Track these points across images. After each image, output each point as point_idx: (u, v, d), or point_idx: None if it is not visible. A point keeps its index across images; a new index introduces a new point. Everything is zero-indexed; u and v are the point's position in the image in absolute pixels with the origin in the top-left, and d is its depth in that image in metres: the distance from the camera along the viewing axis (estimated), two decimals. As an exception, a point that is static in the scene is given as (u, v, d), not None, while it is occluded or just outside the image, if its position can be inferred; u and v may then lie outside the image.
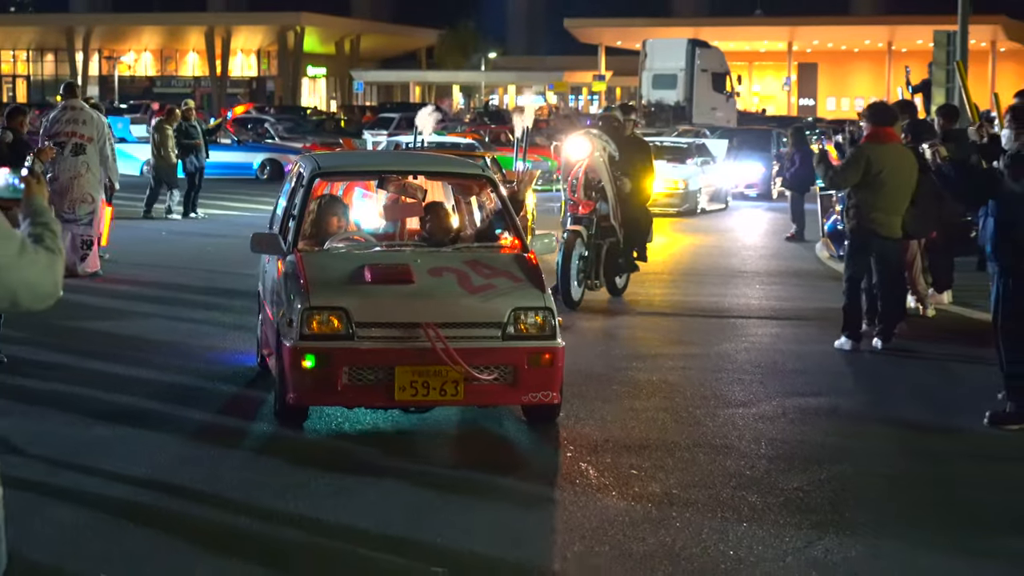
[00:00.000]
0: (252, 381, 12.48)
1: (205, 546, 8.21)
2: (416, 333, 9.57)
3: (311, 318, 9.60)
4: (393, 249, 11.20)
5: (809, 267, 23.16)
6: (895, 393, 12.59)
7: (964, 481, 9.94)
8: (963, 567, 8.15)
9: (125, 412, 11.40)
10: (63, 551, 7.92)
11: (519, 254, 10.90)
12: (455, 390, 9.52)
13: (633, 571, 7.93)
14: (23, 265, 4.45)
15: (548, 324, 10.04)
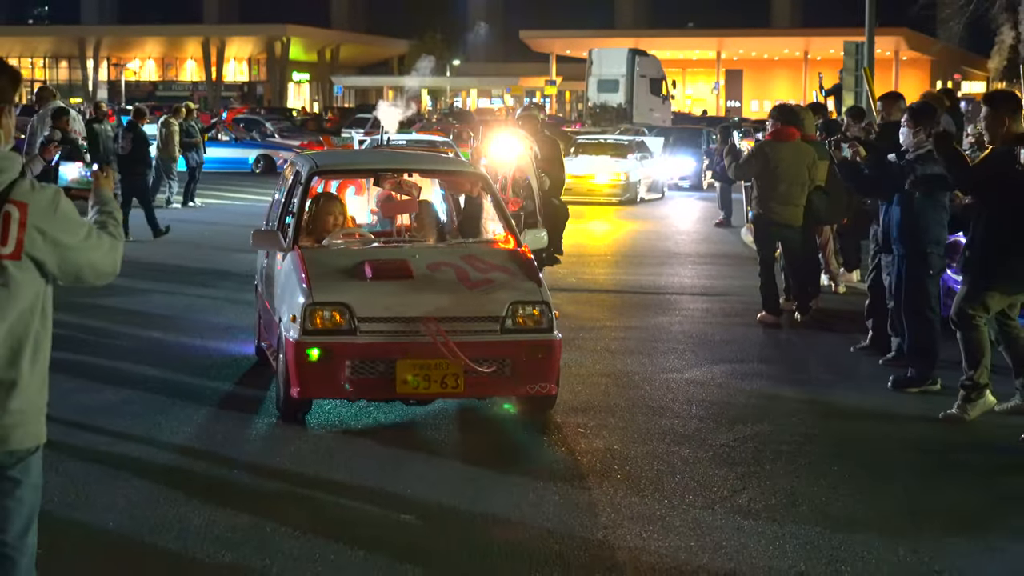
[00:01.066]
0: (242, 350, 12.43)
1: (198, 495, 8.23)
2: (417, 327, 8.95)
3: (314, 313, 8.96)
4: (391, 245, 10.48)
5: (735, 250, 23.21)
6: (810, 360, 12.66)
7: (869, 436, 10.04)
8: (866, 508, 8.21)
9: (129, 379, 11.39)
10: (75, 501, 7.91)
11: (514, 249, 10.27)
12: (455, 383, 8.92)
13: (579, 517, 7.96)
14: (88, 248, 4.77)
15: (545, 317, 9.40)
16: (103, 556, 7.15)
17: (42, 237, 4.60)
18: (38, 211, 4.59)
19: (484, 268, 9.58)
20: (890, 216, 11.31)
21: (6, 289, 4.57)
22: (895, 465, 9.26)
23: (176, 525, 7.64)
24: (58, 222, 4.65)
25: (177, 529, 7.57)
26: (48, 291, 4.77)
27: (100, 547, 7.28)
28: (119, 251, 4.96)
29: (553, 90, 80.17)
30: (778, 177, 14.16)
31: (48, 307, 4.78)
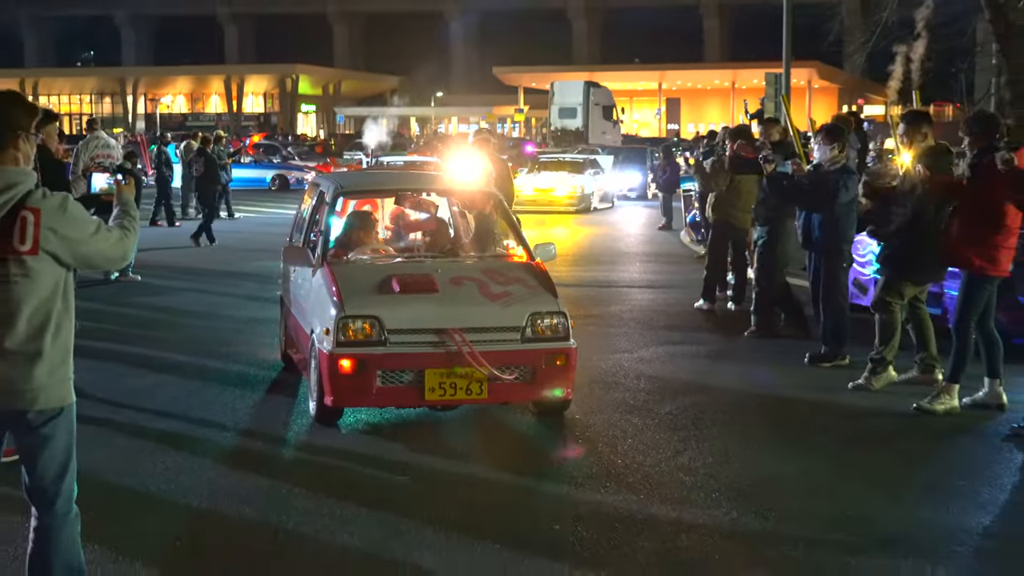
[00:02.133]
0: (265, 339, 12.39)
1: (225, 463, 8.28)
2: (443, 338, 8.23)
3: (347, 326, 8.24)
4: (414, 260, 9.65)
5: (676, 249, 23.25)
6: (740, 341, 12.66)
7: (791, 405, 10.11)
8: (790, 465, 8.26)
9: (166, 366, 11.32)
10: (124, 469, 7.89)
11: (529, 263, 9.55)
12: (480, 389, 8.25)
13: (548, 476, 8.05)
14: (97, 240, 5.11)
15: (562, 327, 8.71)
16: (150, 513, 7.16)
17: (54, 234, 4.93)
18: (49, 214, 4.92)
19: (503, 281, 8.92)
20: (812, 220, 11.35)
21: (28, 279, 4.91)
22: (813, 428, 9.28)
23: (207, 487, 7.67)
24: (67, 221, 4.98)
25: (208, 491, 7.59)
26: (68, 278, 5.08)
27: (147, 506, 7.28)
28: (129, 241, 5.33)
29: (521, 117, 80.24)
30: (740, 189, 14.12)
31: (69, 292, 5.09)
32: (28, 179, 5.01)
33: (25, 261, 4.92)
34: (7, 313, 4.93)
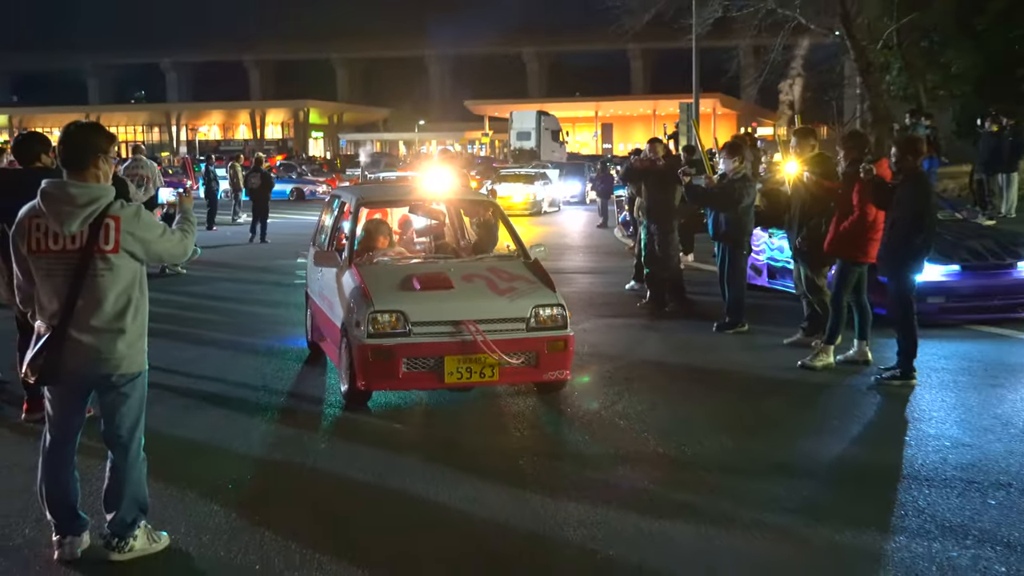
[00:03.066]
0: (289, 320, 12.38)
1: (257, 415, 8.25)
2: (460, 329, 7.78)
3: (376, 319, 7.76)
4: (428, 261, 9.13)
5: (610, 242, 23.27)
6: (664, 314, 12.68)
7: (705, 363, 10.06)
8: (704, 410, 8.30)
9: (206, 340, 11.34)
10: (176, 423, 7.87)
11: (526, 261, 9.06)
12: (491, 372, 7.82)
13: (512, 422, 8.08)
14: (163, 240, 5.34)
15: (560, 317, 8.20)
16: (197, 457, 7.18)
17: (131, 236, 5.14)
18: (127, 221, 5.13)
19: (508, 278, 8.43)
20: (719, 218, 11.44)
21: (111, 272, 5.11)
22: (720, 382, 9.33)
23: (242, 436, 7.69)
24: (141, 226, 5.19)
25: (243, 439, 7.61)
26: (142, 271, 5.30)
27: (196, 452, 7.30)
28: (188, 241, 5.54)
29: (487, 139, 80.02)
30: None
31: (143, 282, 5.31)
32: (108, 193, 5.16)
33: (109, 258, 5.11)
34: (96, 299, 5.11)
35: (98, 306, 5.08)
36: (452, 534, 5.80)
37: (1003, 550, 5.43)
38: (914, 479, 6.54)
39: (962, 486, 6.38)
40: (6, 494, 6.41)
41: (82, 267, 5.02)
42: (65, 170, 5.15)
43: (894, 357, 9.01)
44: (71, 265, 5.03)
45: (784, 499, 6.24)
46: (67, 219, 4.99)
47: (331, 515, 6.10)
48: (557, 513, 6.04)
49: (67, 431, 5.34)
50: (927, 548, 5.47)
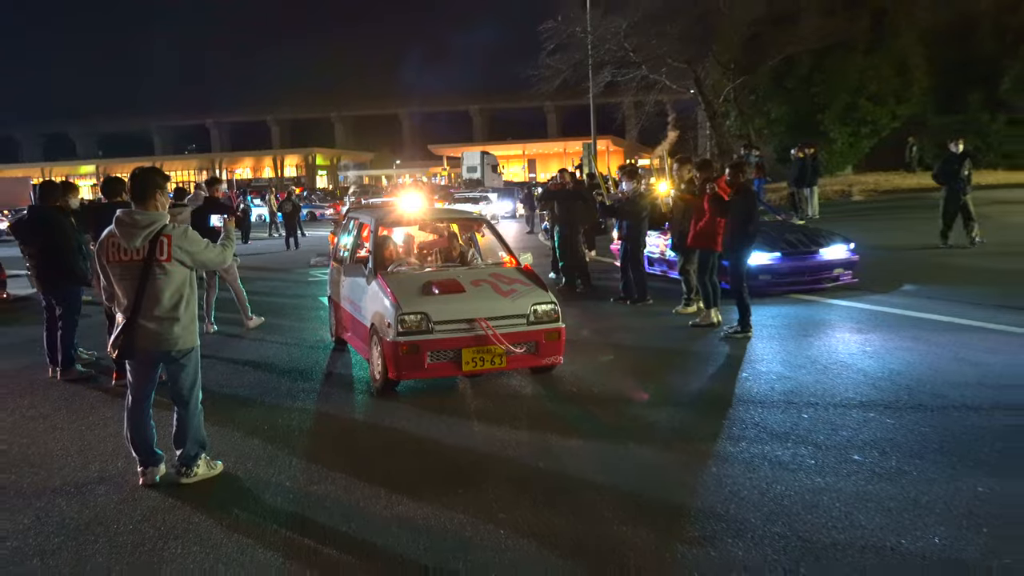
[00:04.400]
0: (308, 309, 12.21)
1: (291, 380, 8.04)
2: (473, 325, 7.02)
3: (404, 320, 6.96)
4: (440, 269, 8.23)
5: (536, 243, 23.18)
6: (576, 294, 12.67)
7: (609, 328, 10.04)
8: (608, 357, 8.26)
9: (241, 323, 11.10)
10: (223, 383, 7.75)
11: (522, 267, 8.28)
12: (500, 360, 7.06)
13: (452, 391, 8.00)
14: (205, 252, 5.29)
15: (554, 312, 7.40)
16: (242, 408, 7.09)
17: (180, 249, 5.16)
18: (177, 238, 5.16)
19: (508, 281, 7.66)
20: (624, 224, 11.46)
21: (166, 276, 5.13)
22: (622, 339, 9.30)
23: (273, 393, 7.60)
24: (187, 241, 5.19)
25: (274, 395, 7.53)
26: (191, 274, 5.30)
27: (241, 404, 7.21)
28: (227, 254, 5.53)
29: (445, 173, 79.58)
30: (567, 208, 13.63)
31: (193, 282, 5.32)
32: (163, 218, 5.22)
33: (164, 266, 5.14)
34: (156, 296, 5.12)
35: (158, 301, 5.13)
36: (431, 456, 5.81)
37: (813, 448, 5.54)
38: (751, 402, 6.62)
39: (784, 406, 6.47)
40: (104, 438, 6.35)
41: (145, 272, 5.10)
42: (133, 203, 5.24)
43: (736, 318, 9.14)
44: (137, 271, 5.11)
45: (664, 420, 6.31)
46: (132, 238, 5.11)
47: (342, 445, 6.09)
48: (499, 438, 6.08)
49: (143, 392, 5.37)
50: (760, 449, 5.57)
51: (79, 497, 5.26)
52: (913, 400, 6.41)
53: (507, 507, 4.82)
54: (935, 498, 4.69)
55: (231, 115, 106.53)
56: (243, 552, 4.42)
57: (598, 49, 31.39)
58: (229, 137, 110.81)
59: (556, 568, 4.08)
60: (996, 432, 5.64)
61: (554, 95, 36.70)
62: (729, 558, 4.11)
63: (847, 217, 20.22)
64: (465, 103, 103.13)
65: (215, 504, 5.06)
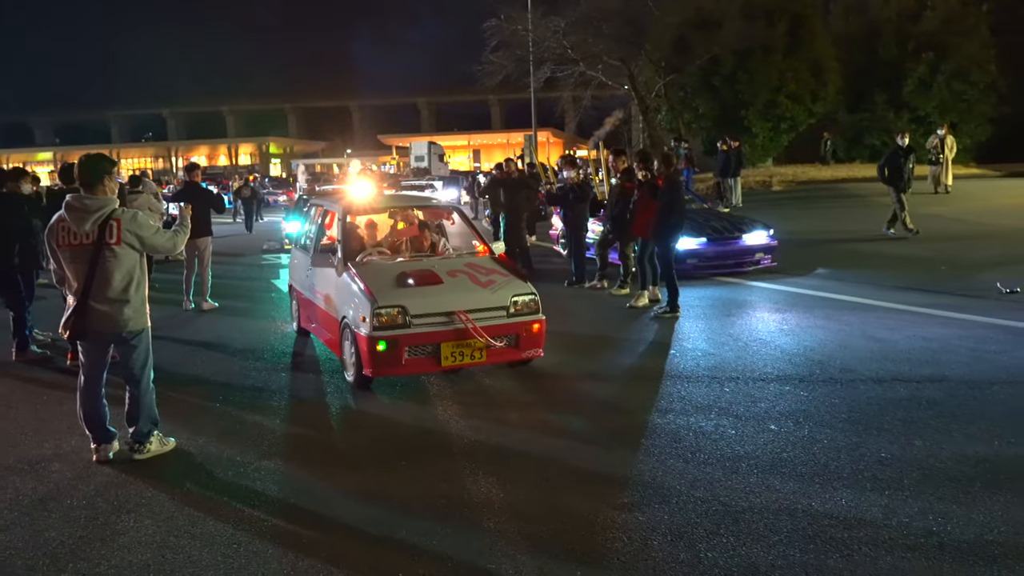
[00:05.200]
0: (263, 284, 11.97)
1: (241, 359, 7.87)
2: (452, 319, 6.36)
3: (380, 314, 6.27)
4: (414, 259, 7.42)
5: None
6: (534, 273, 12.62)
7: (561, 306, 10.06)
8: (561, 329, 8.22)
9: (236, 310, 10.64)
10: (178, 362, 7.56)
11: (497, 257, 7.51)
12: (480, 355, 6.42)
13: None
14: (156, 237, 5.14)
15: (534, 304, 6.77)
16: (194, 386, 6.91)
17: (129, 233, 5.00)
18: (126, 221, 5.01)
19: (485, 272, 6.95)
20: (567, 211, 11.41)
21: (116, 259, 4.96)
22: (571, 315, 9.21)
23: (225, 372, 7.42)
24: (137, 225, 5.04)
25: (225, 374, 7.34)
26: (142, 257, 5.13)
27: (193, 383, 7.03)
28: (179, 239, 5.38)
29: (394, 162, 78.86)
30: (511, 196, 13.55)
31: (144, 265, 5.16)
32: (112, 202, 5.06)
33: (114, 249, 4.99)
34: (106, 278, 4.97)
35: (108, 283, 4.98)
36: (382, 432, 5.75)
37: (733, 419, 5.62)
38: (678, 377, 6.67)
39: (708, 380, 6.54)
40: (59, 416, 6.15)
41: (95, 256, 4.95)
42: (82, 188, 5.09)
43: (666, 298, 9.22)
44: (87, 254, 4.96)
45: (598, 395, 6.34)
46: (82, 222, 4.97)
47: (294, 421, 5.99)
48: (446, 416, 6.04)
49: (95, 372, 5.21)
50: (686, 420, 5.62)
51: (33, 474, 5.09)
52: (824, 374, 6.55)
53: (450, 478, 4.80)
54: (843, 464, 4.79)
55: (186, 105, 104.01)
56: (195, 524, 4.33)
57: (538, 46, 31.37)
58: (185, 126, 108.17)
59: (492, 532, 4.08)
60: (897, 402, 5.79)
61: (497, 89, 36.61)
62: (655, 521, 4.15)
63: (767, 206, 20.58)
64: (413, 96, 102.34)
65: (168, 479, 4.94)
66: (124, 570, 3.90)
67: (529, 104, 35.77)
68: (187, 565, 3.90)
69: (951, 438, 5.11)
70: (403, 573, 3.74)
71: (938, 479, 4.53)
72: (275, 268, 14.70)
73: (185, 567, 3.89)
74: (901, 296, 9.38)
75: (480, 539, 4.02)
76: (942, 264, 11.39)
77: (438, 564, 3.81)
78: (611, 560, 3.78)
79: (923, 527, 3.99)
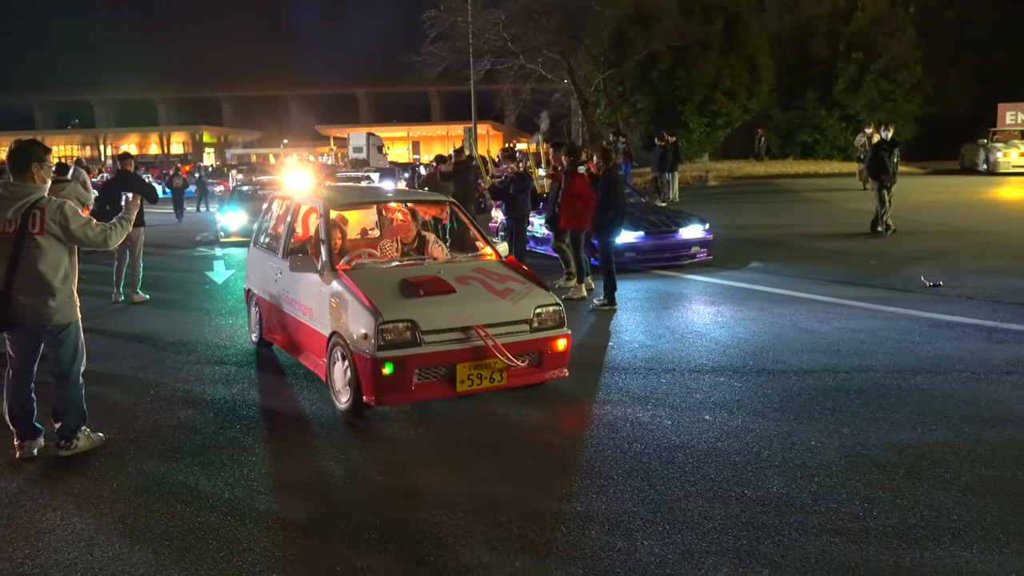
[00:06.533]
0: (201, 287, 11.69)
1: (173, 353, 7.69)
2: (469, 335, 5.41)
3: (387, 330, 5.27)
4: (414, 263, 6.28)
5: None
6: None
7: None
8: None
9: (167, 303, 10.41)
10: (107, 356, 7.31)
11: (502, 260, 6.44)
12: (500, 377, 5.48)
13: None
14: (84, 229, 4.90)
15: (560, 316, 5.82)
16: (124, 382, 6.70)
17: (54, 223, 4.79)
18: (51, 211, 4.81)
19: (499, 278, 5.96)
20: (508, 204, 11.31)
21: (39, 249, 4.78)
22: None
23: (157, 366, 7.22)
24: (62, 215, 4.83)
25: (157, 368, 7.15)
26: (71, 248, 4.91)
27: (124, 378, 6.83)
28: (112, 234, 5.05)
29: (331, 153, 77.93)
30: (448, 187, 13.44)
31: (74, 257, 4.96)
32: (40, 191, 4.88)
33: (37, 239, 4.80)
34: (30, 269, 4.79)
35: (32, 274, 4.79)
36: (313, 422, 5.67)
37: (670, 410, 5.71)
38: (616, 369, 6.73)
39: (645, 372, 6.61)
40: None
41: (18, 245, 4.76)
42: (11, 175, 4.89)
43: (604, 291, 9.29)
44: (10, 244, 4.77)
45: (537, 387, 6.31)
46: (4, 210, 4.80)
47: (227, 414, 5.87)
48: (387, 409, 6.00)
49: (24, 365, 5.01)
50: (623, 411, 5.68)
51: (-49, 472, 4.88)
52: (757, 365, 6.69)
53: (384, 471, 4.77)
54: (774, 452, 4.91)
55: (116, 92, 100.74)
56: (124, 521, 4.21)
57: (478, 38, 31.32)
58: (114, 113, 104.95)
59: (429, 523, 4.07)
60: (827, 392, 5.96)
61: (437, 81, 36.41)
62: (593, 511, 4.19)
63: (704, 201, 20.93)
64: (352, 87, 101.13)
65: (96, 475, 4.80)
66: (50, 569, 3.78)
67: (469, 96, 35.66)
68: (116, 563, 3.80)
69: (877, 426, 5.28)
70: (340, 566, 3.70)
71: (864, 466, 4.68)
72: (208, 260, 14.38)
73: (114, 565, 3.79)
74: (831, 289, 9.65)
75: (417, 530, 4.01)
76: (871, 258, 11.75)
77: (375, 556, 3.79)
78: (548, 549, 3.81)
79: (850, 512, 4.12)
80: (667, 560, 3.69)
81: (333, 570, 3.67)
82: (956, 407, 5.56)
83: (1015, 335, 7.36)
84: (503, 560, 3.74)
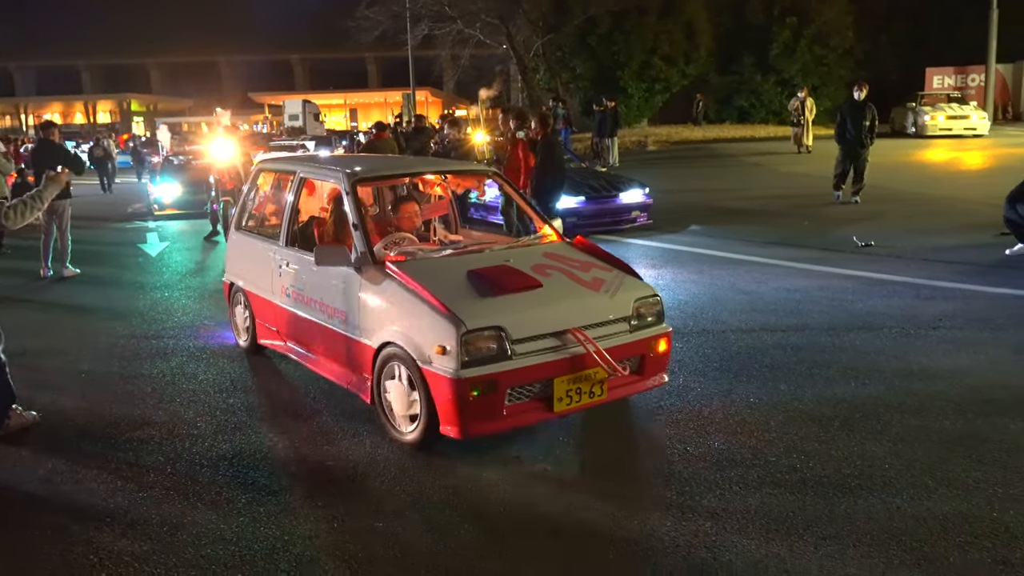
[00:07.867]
0: (134, 260, 11.35)
1: (106, 329, 7.48)
2: (566, 340, 4.28)
3: (470, 342, 4.09)
4: (471, 251, 5.01)
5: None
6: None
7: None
8: None
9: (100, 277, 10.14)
10: (34, 333, 7.08)
11: (569, 242, 5.26)
12: (600, 390, 4.40)
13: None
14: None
15: (660, 310, 4.77)
16: (53, 358, 6.49)
17: None
18: None
19: (580, 266, 4.84)
20: None
21: None
22: None
23: (92, 340, 7.02)
24: None
25: (92, 343, 6.94)
26: None
27: (53, 354, 6.61)
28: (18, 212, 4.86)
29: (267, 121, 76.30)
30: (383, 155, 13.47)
31: None
32: None
33: None
34: None
35: None
36: (256, 396, 5.60)
37: (613, 372, 5.79)
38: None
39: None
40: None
41: None
42: None
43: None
44: None
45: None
46: None
47: (164, 389, 5.75)
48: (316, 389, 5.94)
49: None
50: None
51: None
52: (698, 326, 6.82)
53: (334, 440, 4.74)
54: (715, 409, 5.02)
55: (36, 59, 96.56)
56: (59, 499, 4.11)
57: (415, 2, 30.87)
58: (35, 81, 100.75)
59: (377, 492, 4.07)
60: (764, 350, 6.11)
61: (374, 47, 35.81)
62: (541, 472, 4.24)
63: (643, 165, 21.09)
64: (285, 53, 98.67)
65: (28, 455, 4.67)
66: (-16, 551, 3.67)
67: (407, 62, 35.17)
68: (53, 544, 3.72)
69: (813, 381, 5.44)
70: (280, 544, 3.68)
71: (801, 420, 4.82)
72: (141, 232, 13.99)
73: (52, 546, 3.70)
74: (768, 251, 9.85)
75: (364, 502, 4.01)
76: (805, 220, 12.02)
77: (324, 534, 3.77)
78: (500, 513, 3.84)
79: (787, 464, 4.24)
80: (614, 516, 3.76)
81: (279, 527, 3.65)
82: (887, 361, 5.76)
83: (942, 291, 7.63)
84: (450, 522, 3.75)
